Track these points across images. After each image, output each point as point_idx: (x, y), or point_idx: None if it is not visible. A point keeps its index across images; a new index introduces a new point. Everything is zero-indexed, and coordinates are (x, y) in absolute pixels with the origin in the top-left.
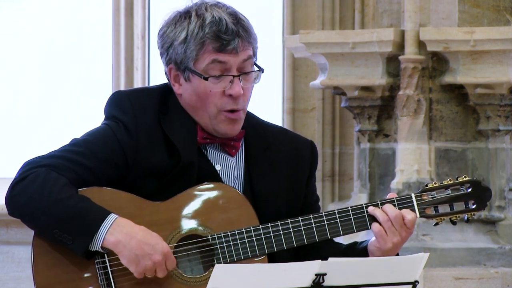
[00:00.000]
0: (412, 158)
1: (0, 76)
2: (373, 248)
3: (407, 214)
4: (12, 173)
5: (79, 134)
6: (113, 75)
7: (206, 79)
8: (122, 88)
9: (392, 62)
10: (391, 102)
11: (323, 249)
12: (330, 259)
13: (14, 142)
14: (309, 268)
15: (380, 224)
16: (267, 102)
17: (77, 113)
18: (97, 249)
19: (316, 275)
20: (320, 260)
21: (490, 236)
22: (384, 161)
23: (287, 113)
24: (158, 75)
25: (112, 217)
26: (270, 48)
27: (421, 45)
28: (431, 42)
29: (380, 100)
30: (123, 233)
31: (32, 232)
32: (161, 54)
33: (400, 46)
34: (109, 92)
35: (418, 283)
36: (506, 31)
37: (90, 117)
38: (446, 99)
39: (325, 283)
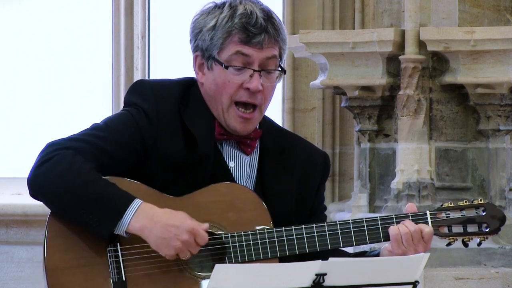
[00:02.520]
0: (413, 158)
1: None
2: (385, 252)
3: (425, 227)
4: (9, 172)
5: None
6: (113, 75)
7: (226, 68)
8: (122, 88)
9: (392, 62)
10: (391, 102)
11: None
12: (330, 259)
13: (13, 142)
14: (309, 268)
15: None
16: None
17: (77, 113)
18: (121, 233)
19: (316, 275)
20: (320, 260)
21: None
22: (384, 161)
23: (287, 113)
24: (158, 75)
25: (137, 202)
26: None
27: (421, 45)
28: (431, 42)
29: (380, 100)
30: (148, 218)
31: (32, 232)
32: (190, 41)
33: (400, 46)
34: (109, 92)
35: (419, 283)
36: (507, 31)
37: (90, 117)
38: (446, 99)
39: (325, 283)
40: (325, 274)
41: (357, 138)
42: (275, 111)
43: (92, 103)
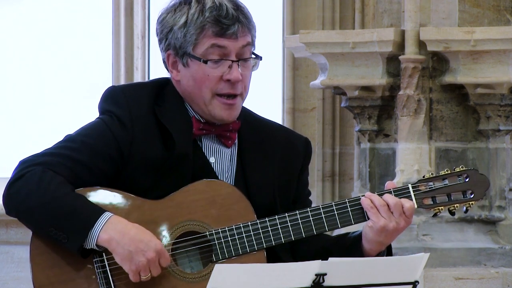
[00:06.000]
0: (412, 158)
1: None
2: (366, 228)
3: (406, 202)
4: (8, 173)
5: None
6: (113, 75)
7: (205, 62)
8: None
9: (392, 62)
10: (391, 102)
11: (311, 241)
12: (330, 259)
13: (12, 142)
14: (309, 268)
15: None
16: (267, 102)
17: (77, 113)
18: (92, 247)
19: (316, 275)
20: (320, 260)
21: (490, 236)
22: (384, 161)
23: (287, 113)
24: (158, 75)
25: (106, 215)
26: (270, 48)
27: (421, 45)
28: (431, 42)
29: (380, 100)
30: (117, 230)
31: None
32: (160, 41)
33: (400, 46)
34: None
35: (418, 283)
36: (507, 31)
37: (89, 117)
38: (446, 99)
39: (325, 283)
40: (325, 274)
41: (357, 138)
42: (275, 111)
43: (92, 103)
